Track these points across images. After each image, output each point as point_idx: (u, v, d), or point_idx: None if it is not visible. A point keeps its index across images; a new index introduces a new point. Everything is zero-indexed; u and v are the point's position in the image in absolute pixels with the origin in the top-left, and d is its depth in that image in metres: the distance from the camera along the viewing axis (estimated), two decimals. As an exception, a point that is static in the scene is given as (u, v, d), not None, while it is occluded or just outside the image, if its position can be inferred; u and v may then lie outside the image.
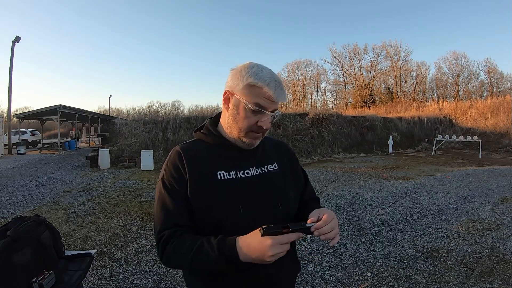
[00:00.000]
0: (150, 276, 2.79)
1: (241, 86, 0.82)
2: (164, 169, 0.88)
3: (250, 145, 0.87)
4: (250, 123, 0.82)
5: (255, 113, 0.81)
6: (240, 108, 0.83)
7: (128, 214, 4.81)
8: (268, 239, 0.68)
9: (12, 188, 6.99)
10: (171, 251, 0.78)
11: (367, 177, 7.90)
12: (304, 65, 43.05)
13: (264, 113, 0.81)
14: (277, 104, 0.83)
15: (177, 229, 0.80)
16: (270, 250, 0.68)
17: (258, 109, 0.80)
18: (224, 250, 0.72)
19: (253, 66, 0.83)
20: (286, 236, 0.70)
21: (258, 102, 0.80)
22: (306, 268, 2.89)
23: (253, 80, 0.80)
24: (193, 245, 0.76)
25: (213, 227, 0.81)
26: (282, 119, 14.36)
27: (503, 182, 6.86)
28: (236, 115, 0.84)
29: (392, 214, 4.56)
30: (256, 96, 0.80)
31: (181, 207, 0.82)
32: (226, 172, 0.85)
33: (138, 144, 12.23)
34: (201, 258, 0.74)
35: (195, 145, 0.92)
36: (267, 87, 0.79)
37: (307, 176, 1.07)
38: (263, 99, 0.80)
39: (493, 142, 16.20)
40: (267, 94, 0.80)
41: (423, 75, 38.46)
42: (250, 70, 0.82)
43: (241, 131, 0.84)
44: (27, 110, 31.16)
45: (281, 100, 0.82)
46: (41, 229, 1.78)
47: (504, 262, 2.92)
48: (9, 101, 16.52)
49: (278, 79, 0.83)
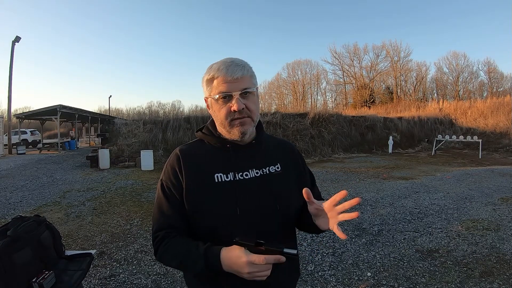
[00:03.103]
0: (150, 276, 2.79)
1: (205, 86, 0.87)
2: (164, 171, 0.90)
3: (241, 134, 0.85)
4: (225, 111, 0.83)
5: (224, 101, 0.83)
6: (213, 105, 0.86)
7: (128, 214, 4.81)
8: (243, 257, 0.70)
9: (12, 188, 6.99)
10: (163, 252, 0.82)
11: (367, 177, 7.90)
12: (304, 65, 43.09)
13: (231, 96, 0.81)
14: (242, 82, 0.82)
15: (171, 231, 0.84)
16: (246, 267, 0.70)
17: (223, 94, 0.81)
18: (209, 260, 0.74)
19: (209, 66, 0.86)
20: (260, 257, 0.69)
21: (220, 89, 0.82)
22: (306, 268, 2.89)
23: (207, 75, 0.84)
24: (182, 250, 0.79)
25: (209, 230, 0.82)
26: (282, 119, 14.36)
27: (503, 182, 6.86)
28: (213, 113, 0.87)
29: (392, 214, 4.56)
30: (216, 86, 0.83)
31: (176, 210, 0.84)
32: (224, 174, 0.85)
33: (138, 144, 12.22)
34: (188, 264, 0.78)
35: (195, 146, 0.93)
36: (218, 72, 0.82)
37: (314, 179, 1.05)
38: (222, 85, 0.81)
39: (493, 142, 16.21)
40: (222, 78, 0.81)
41: (423, 75, 38.49)
42: (206, 70, 0.86)
43: (223, 123, 0.85)
44: (27, 110, 31.18)
45: (239, 74, 0.81)
46: (41, 229, 1.78)
47: (504, 262, 2.92)
48: (9, 101, 16.53)
49: (230, 59, 0.84)
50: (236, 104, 0.80)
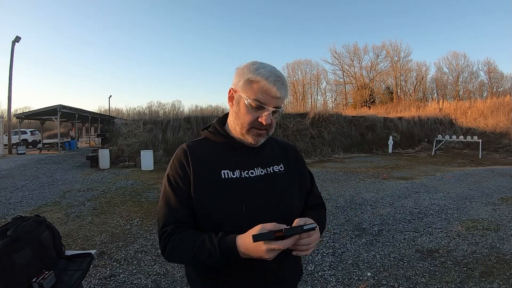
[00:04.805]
0: (150, 276, 2.79)
1: (242, 82, 0.83)
2: (170, 165, 0.90)
3: (254, 143, 0.87)
4: (251, 119, 0.83)
5: (255, 109, 0.82)
6: (241, 104, 0.84)
7: (128, 214, 4.81)
8: (261, 245, 0.69)
9: (12, 188, 6.99)
10: (173, 247, 0.80)
11: (367, 177, 7.90)
12: (304, 65, 43.09)
13: (264, 108, 0.81)
14: (279, 100, 0.83)
15: (179, 225, 0.83)
16: (267, 254, 0.70)
17: (258, 103, 0.81)
18: (225, 249, 0.74)
19: (255, 63, 0.85)
20: (281, 243, 0.69)
21: (258, 97, 0.81)
22: (306, 268, 2.89)
23: (252, 75, 0.81)
24: (195, 242, 0.78)
25: (215, 225, 0.82)
26: (282, 119, 14.36)
27: (503, 182, 6.86)
28: (238, 111, 0.86)
29: (392, 214, 4.56)
30: (255, 92, 0.81)
31: (184, 204, 0.84)
32: (231, 171, 0.86)
33: (138, 144, 12.22)
34: (203, 255, 0.76)
35: (201, 143, 0.94)
36: (266, 81, 0.80)
37: (313, 179, 1.06)
38: (263, 94, 0.81)
39: (493, 142, 16.21)
40: (266, 89, 0.80)
41: (423, 75, 38.48)
42: (251, 67, 0.83)
43: (243, 127, 0.85)
44: (27, 110, 31.17)
45: (282, 95, 0.82)
46: (41, 229, 1.78)
47: (504, 262, 2.92)
48: (9, 101, 16.53)
49: (279, 74, 0.83)
50: (265, 118, 0.81)
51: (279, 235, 0.70)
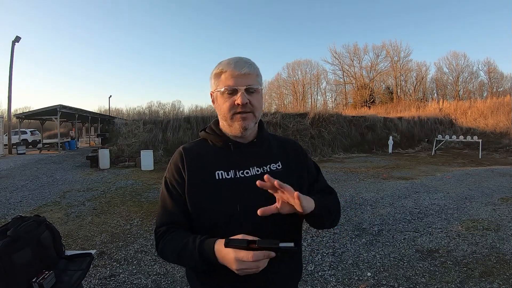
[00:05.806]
0: (150, 276, 2.79)
1: (212, 81, 0.89)
2: (168, 168, 0.93)
3: (243, 129, 0.85)
4: (229, 105, 0.85)
5: (230, 95, 0.84)
6: (218, 98, 0.88)
7: (128, 214, 4.81)
8: (231, 253, 0.68)
9: (12, 188, 6.99)
10: (163, 247, 0.84)
11: (367, 177, 7.90)
12: (304, 65, 43.06)
13: (236, 90, 0.83)
14: (248, 79, 0.84)
15: (172, 226, 0.86)
16: (234, 264, 0.68)
17: (229, 88, 0.83)
18: (204, 253, 0.75)
19: (219, 62, 0.89)
20: (249, 254, 0.67)
21: (226, 83, 0.84)
22: (306, 268, 2.89)
23: (216, 70, 0.87)
24: (180, 243, 0.80)
25: (210, 227, 0.82)
26: (282, 119, 14.37)
27: (503, 182, 6.86)
28: (218, 106, 0.89)
29: (392, 214, 4.56)
30: (224, 81, 0.85)
31: (179, 207, 0.87)
32: (225, 171, 0.86)
33: (138, 144, 12.22)
34: (185, 258, 0.78)
35: (198, 145, 0.95)
36: (226, 66, 0.85)
37: (319, 169, 1.04)
38: (230, 79, 0.84)
39: (493, 142, 16.21)
40: (230, 72, 0.84)
41: (423, 75, 38.47)
42: (216, 66, 0.89)
43: (226, 117, 0.86)
44: (27, 110, 31.18)
45: (246, 71, 0.84)
46: (41, 229, 1.78)
47: (504, 262, 2.92)
48: (9, 101, 16.52)
49: (238, 57, 0.87)
50: (240, 98, 0.82)
51: (253, 247, 0.67)
